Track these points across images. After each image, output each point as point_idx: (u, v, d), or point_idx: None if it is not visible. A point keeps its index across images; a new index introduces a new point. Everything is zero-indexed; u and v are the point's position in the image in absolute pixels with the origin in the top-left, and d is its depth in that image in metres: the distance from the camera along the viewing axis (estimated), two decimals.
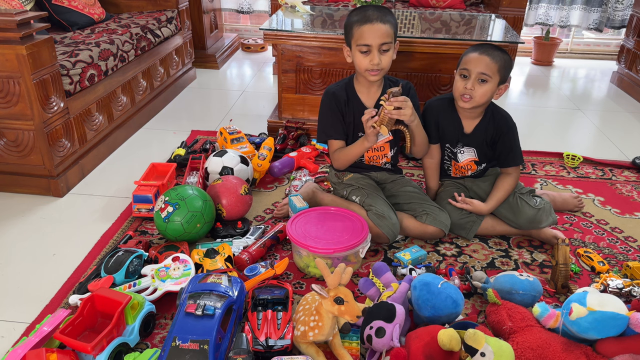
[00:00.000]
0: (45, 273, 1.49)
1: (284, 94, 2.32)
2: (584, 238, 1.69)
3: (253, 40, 3.93)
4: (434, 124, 1.68)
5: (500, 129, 1.65)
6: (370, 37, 1.52)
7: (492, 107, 1.67)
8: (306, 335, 1.16)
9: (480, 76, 1.54)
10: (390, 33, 1.54)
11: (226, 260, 1.44)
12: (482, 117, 1.66)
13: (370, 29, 1.52)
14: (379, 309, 1.17)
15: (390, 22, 1.55)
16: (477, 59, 1.54)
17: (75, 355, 1.12)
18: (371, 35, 1.52)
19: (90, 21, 2.47)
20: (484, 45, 1.58)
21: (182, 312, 1.14)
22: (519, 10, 3.01)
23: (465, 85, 1.56)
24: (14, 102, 1.72)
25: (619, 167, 2.17)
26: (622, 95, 3.17)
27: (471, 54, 1.56)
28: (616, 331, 1.09)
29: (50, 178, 1.85)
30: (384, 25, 1.52)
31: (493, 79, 1.54)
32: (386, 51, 1.55)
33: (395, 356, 1.09)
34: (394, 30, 1.56)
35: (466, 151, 1.69)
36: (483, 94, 1.56)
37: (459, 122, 1.67)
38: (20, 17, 1.62)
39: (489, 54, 1.54)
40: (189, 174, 1.95)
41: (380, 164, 1.74)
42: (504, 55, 1.56)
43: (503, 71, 1.55)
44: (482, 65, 1.53)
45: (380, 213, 1.57)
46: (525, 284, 1.30)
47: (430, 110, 1.69)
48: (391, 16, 1.57)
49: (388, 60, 1.56)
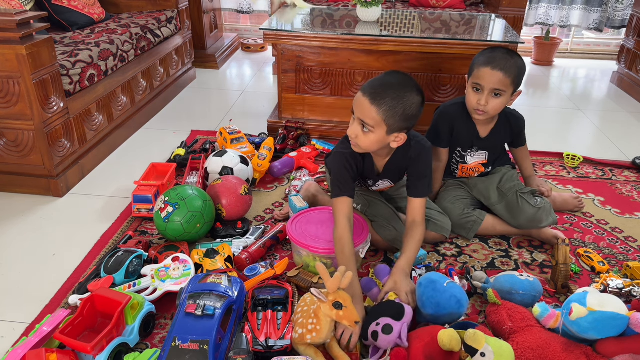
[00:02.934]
0: (45, 273, 1.49)
1: (284, 94, 2.32)
2: (584, 238, 1.69)
3: (253, 40, 3.93)
4: (448, 130, 1.66)
5: (518, 128, 1.71)
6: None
7: (504, 110, 1.67)
8: (304, 338, 1.16)
9: (494, 91, 1.52)
10: (375, 118, 1.30)
11: (226, 260, 1.44)
12: (498, 121, 1.67)
13: (359, 100, 1.32)
14: (387, 306, 1.17)
15: (382, 107, 1.28)
16: (490, 75, 1.50)
17: (75, 356, 1.12)
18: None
19: (90, 21, 2.46)
20: (495, 56, 1.51)
21: (182, 312, 1.14)
22: (519, 10, 3.01)
23: (478, 101, 1.54)
24: (14, 102, 1.72)
25: (619, 167, 2.17)
26: (622, 95, 3.17)
27: (483, 68, 1.51)
28: (616, 331, 1.09)
29: (50, 178, 1.85)
30: (372, 107, 1.29)
31: (507, 91, 1.53)
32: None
33: (395, 356, 1.09)
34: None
35: (477, 154, 1.70)
36: (496, 106, 1.55)
37: (474, 127, 1.66)
38: (20, 17, 1.62)
39: (503, 69, 1.49)
40: (189, 174, 1.95)
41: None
42: (517, 62, 1.52)
43: (517, 80, 1.53)
44: (495, 81, 1.50)
45: (384, 224, 1.55)
46: (526, 284, 1.30)
47: (445, 116, 1.68)
48: (389, 100, 1.28)
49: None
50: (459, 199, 1.69)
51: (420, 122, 1.40)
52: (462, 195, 1.71)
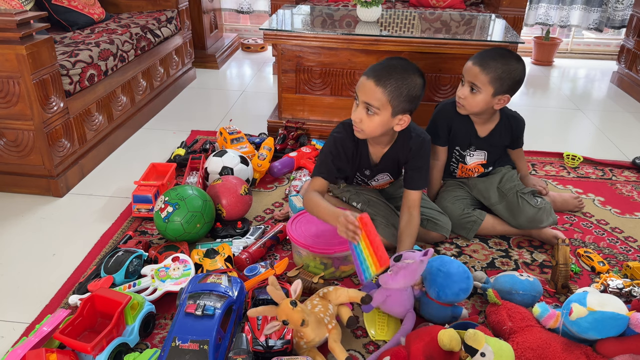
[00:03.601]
0: (45, 273, 1.49)
1: (284, 94, 2.32)
2: (584, 238, 1.69)
3: (253, 40, 3.93)
4: (446, 127, 1.67)
5: (518, 130, 1.71)
6: (360, 91, 1.36)
7: (506, 111, 1.68)
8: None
9: (471, 85, 1.54)
10: (381, 99, 1.32)
11: (226, 260, 1.44)
12: (498, 122, 1.67)
13: (363, 83, 1.35)
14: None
15: (387, 87, 1.32)
16: (470, 68, 1.54)
17: (75, 356, 1.12)
18: (360, 88, 1.36)
19: (90, 21, 2.46)
20: (485, 54, 1.54)
21: (182, 312, 1.14)
22: (519, 10, 3.01)
23: (458, 91, 1.57)
24: (14, 102, 1.72)
25: (619, 167, 2.17)
26: (622, 95, 3.17)
27: (469, 62, 1.55)
28: (616, 331, 1.09)
29: (50, 178, 1.85)
30: (377, 88, 1.32)
31: (484, 89, 1.52)
32: (371, 114, 1.35)
33: (395, 356, 1.09)
34: (388, 98, 1.32)
35: (476, 154, 1.70)
36: (473, 103, 1.56)
37: (472, 126, 1.67)
38: (20, 17, 1.62)
39: (481, 65, 1.51)
40: (188, 174, 1.95)
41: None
42: (506, 66, 1.50)
43: (497, 82, 1.51)
44: (471, 74, 1.53)
45: (384, 222, 1.55)
46: (526, 284, 1.30)
47: (444, 113, 1.69)
48: (394, 81, 1.32)
49: (370, 124, 1.36)
50: (459, 199, 1.69)
51: (419, 122, 1.41)
52: (462, 195, 1.71)
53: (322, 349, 1.20)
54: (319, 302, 1.24)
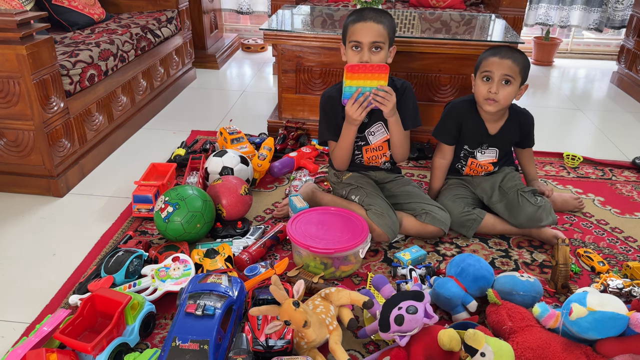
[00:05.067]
0: (45, 273, 1.49)
1: (284, 94, 2.32)
2: (584, 238, 1.69)
3: (253, 40, 3.93)
4: (455, 126, 1.68)
5: (527, 126, 1.72)
6: (362, 35, 1.55)
7: (514, 108, 1.69)
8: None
9: (504, 77, 1.56)
10: (383, 34, 1.56)
11: (226, 260, 1.44)
12: (507, 119, 1.68)
13: (362, 27, 1.55)
14: (404, 293, 1.15)
15: (385, 23, 1.56)
16: (499, 63, 1.56)
17: (75, 355, 1.12)
18: (362, 33, 1.55)
19: (90, 21, 2.47)
20: (501, 48, 1.59)
21: (182, 312, 1.14)
22: (519, 10, 3.01)
23: (489, 89, 1.57)
24: (14, 102, 1.72)
25: (619, 167, 2.17)
26: (622, 95, 3.17)
27: (492, 57, 1.57)
28: (616, 331, 1.09)
29: (50, 178, 1.85)
30: (377, 25, 1.55)
31: (516, 80, 1.56)
32: (377, 51, 1.56)
33: (395, 356, 1.09)
34: (388, 32, 1.57)
35: (487, 152, 1.70)
36: (507, 95, 1.58)
37: (483, 124, 1.68)
38: (20, 17, 1.62)
39: (511, 57, 1.56)
40: (189, 174, 1.95)
41: (379, 164, 1.75)
42: (523, 56, 1.59)
43: (524, 72, 1.58)
44: (504, 67, 1.55)
45: (379, 212, 1.57)
46: (526, 285, 1.30)
47: (454, 111, 1.70)
48: (387, 18, 1.58)
49: (378, 60, 1.56)
50: (460, 198, 1.69)
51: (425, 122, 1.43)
52: (462, 194, 1.71)
53: (322, 349, 1.20)
54: (320, 303, 1.24)
